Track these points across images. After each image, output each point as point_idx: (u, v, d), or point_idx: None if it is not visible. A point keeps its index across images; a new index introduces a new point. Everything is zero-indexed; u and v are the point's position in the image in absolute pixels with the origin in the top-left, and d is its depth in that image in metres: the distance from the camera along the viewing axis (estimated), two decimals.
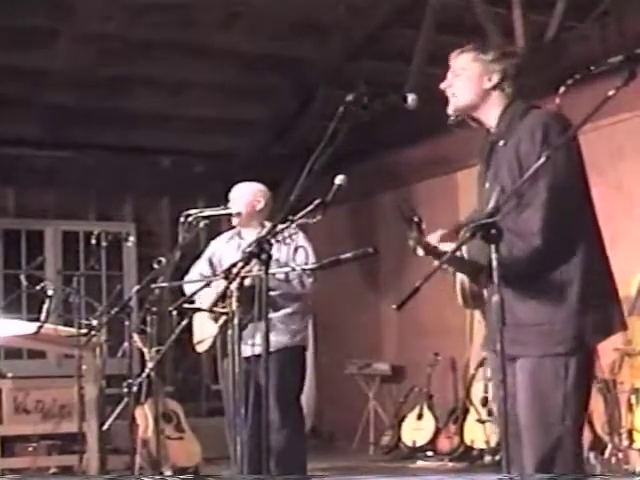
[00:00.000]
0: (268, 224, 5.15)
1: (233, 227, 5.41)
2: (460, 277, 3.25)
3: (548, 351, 3.09)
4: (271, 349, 4.31)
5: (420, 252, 3.01)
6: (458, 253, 3.05)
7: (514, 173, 3.14)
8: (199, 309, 4.77)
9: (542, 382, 3.09)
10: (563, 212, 3.09)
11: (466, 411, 7.79)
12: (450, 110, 3.35)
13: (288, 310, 5.10)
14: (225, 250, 5.36)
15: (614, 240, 3.34)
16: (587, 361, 3.15)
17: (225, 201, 5.32)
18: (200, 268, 5.45)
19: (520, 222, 3.08)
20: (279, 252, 4.97)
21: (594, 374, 3.32)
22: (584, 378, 3.14)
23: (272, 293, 4.84)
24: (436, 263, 3.00)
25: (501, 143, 3.26)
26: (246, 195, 5.30)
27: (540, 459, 3.07)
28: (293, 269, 4.79)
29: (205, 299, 4.74)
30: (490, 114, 3.32)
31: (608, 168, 6.81)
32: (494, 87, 3.29)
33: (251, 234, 5.20)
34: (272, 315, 4.83)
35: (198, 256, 5.52)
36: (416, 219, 2.97)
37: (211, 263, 5.40)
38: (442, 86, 3.36)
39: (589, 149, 3.27)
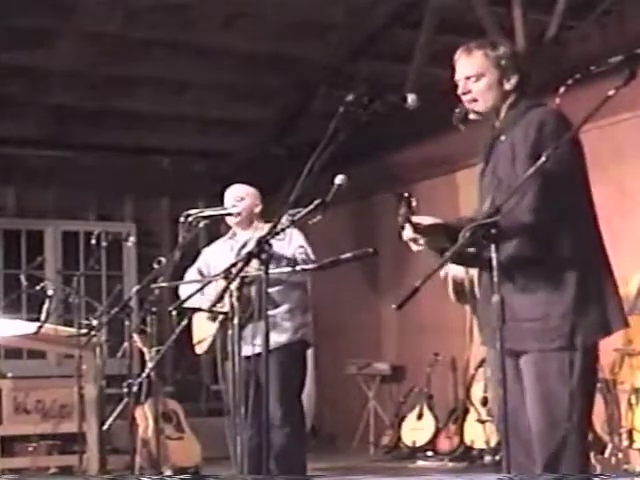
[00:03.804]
0: (260, 225, 5.16)
1: (230, 227, 5.40)
2: (452, 271, 3.25)
3: (543, 347, 3.09)
4: (272, 347, 4.31)
5: (408, 230, 3.01)
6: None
7: (508, 169, 3.16)
8: (199, 309, 4.77)
9: (547, 379, 3.09)
10: (555, 199, 3.07)
11: (466, 411, 7.78)
12: (472, 115, 3.31)
13: (287, 306, 5.08)
14: (218, 255, 5.33)
15: (615, 239, 3.34)
16: (591, 359, 3.14)
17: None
18: (191, 276, 5.42)
19: (514, 207, 3.04)
20: (281, 248, 4.92)
21: (597, 372, 3.31)
22: (589, 375, 3.14)
23: (270, 290, 4.81)
24: (436, 264, 3.00)
25: (502, 138, 3.27)
26: (248, 197, 5.28)
27: (547, 456, 3.07)
28: (294, 270, 4.77)
29: (204, 300, 4.74)
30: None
31: (609, 167, 6.81)
32: (515, 88, 3.28)
33: (245, 235, 5.21)
34: (271, 312, 4.81)
35: (196, 259, 5.50)
36: (406, 195, 2.96)
37: (201, 273, 5.37)
38: (459, 92, 3.30)
39: (591, 148, 3.27)
